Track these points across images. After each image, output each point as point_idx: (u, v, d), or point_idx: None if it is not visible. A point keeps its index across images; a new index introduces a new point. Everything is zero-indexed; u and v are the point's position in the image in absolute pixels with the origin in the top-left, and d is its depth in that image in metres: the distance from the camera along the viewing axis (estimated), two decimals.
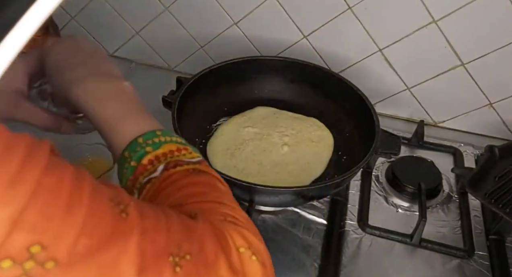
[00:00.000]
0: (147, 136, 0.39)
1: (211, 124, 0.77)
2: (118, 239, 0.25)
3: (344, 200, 0.70)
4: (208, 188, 0.38)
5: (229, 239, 0.32)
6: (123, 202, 0.27)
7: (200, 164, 0.39)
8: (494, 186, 0.65)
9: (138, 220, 0.27)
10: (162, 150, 0.38)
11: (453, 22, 0.71)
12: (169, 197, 0.36)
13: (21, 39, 0.23)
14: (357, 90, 0.72)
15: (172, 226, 0.29)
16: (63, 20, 0.94)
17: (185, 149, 0.39)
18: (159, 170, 0.37)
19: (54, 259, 0.22)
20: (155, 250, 0.27)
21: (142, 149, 0.38)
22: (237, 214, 0.36)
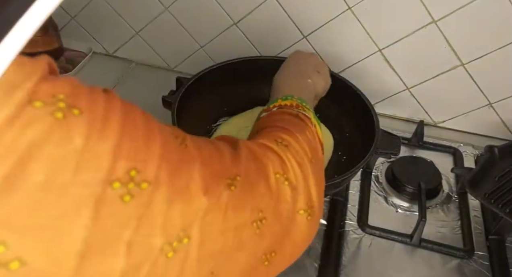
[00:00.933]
0: (286, 95, 0.51)
1: (211, 124, 0.77)
2: (186, 166, 0.30)
3: (344, 200, 0.70)
4: (294, 124, 0.45)
5: (269, 165, 0.37)
6: (181, 136, 0.32)
7: (306, 117, 0.47)
8: (494, 186, 0.65)
9: (196, 150, 0.31)
10: (286, 102, 0.50)
11: (452, 22, 0.71)
12: (263, 122, 0.47)
13: (21, 39, 0.23)
14: (357, 90, 0.72)
15: (222, 155, 0.34)
16: (63, 20, 0.94)
17: (303, 108, 0.49)
18: (274, 109, 0.49)
19: (147, 181, 0.26)
20: (213, 174, 0.31)
21: (276, 100, 0.51)
22: (298, 144, 0.41)
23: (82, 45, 0.96)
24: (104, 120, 0.26)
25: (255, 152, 0.38)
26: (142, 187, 0.26)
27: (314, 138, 0.46)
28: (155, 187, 0.27)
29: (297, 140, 0.42)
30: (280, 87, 0.57)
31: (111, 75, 0.93)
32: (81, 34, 0.96)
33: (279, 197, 0.37)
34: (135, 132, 0.27)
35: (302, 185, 0.39)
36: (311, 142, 0.44)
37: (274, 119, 0.47)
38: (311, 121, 0.48)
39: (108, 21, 0.91)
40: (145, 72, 0.96)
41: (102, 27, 0.94)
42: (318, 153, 0.45)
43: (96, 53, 0.98)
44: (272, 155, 0.39)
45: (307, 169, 0.40)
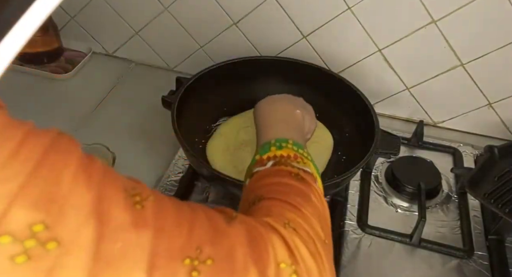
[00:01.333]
0: (279, 140, 0.45)
1: (211, 124, 0.77)
2: (128, 230, 0.24)
3: (343, 200, 0.70)
4: (297, 193, 0.38)
5: (270, 251, 0.30)
6: (141, 195, 0.26)
7: (306, 173, 0.41)
8: (494, 186, 0.65)
9: (154, 215, 0.26)
10: (282, 152, 0.43)
11: (452, 22, 0.71)
12: (260, 188, 0.39)
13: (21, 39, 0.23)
14: (356, 90, 0.72)
15: (196, 227, 0.28)
16: (63, 20, 0.94)
17: (301, 158, 0.43)
18: (269, 165, 0.42)
19: (56, 240, 0.21)
20: (169, 250, 0.25)
21: (268, 147, 0.44)
22: (306, 224, 0.34)
23: (81, 45, 0.96)
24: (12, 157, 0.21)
25: (255, 233, 0.31)
26: (48, 248, 0.21)
27: (320, 201, 0.39)
28: (68, 250, 0.21)
29: (306, 219, 0.35)
30: (267, 116, 0.52)
31: (110, 75, 0.93)
32: (81, 34, 0.96)
33: None
34: (57, 177, 0.22)
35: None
36: (320, 212, 0.38)
37: (272, 186, 0.39)
38: (313, 176, 0.41)
39: (108, 21, 0.91)
40: (145, 72, 0.96)
41: (102, 27, 0.94)
42: (328, 223, 0.39)
43: (96, 53, 0.98)
44: (277, 239, 0.31)
45: (320, 259, 0.33)
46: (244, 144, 0.72)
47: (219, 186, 0.67)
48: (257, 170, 0.42)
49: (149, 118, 0.82)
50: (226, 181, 0.58)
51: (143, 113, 0.84)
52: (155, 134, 0.79)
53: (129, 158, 0.73)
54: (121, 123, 0.82)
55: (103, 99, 0.88)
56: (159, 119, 0.71)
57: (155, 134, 0.79)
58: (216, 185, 0.68)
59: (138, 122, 0.82)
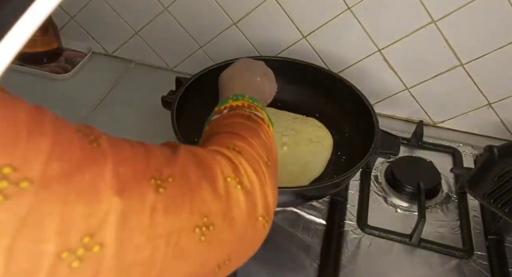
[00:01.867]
0: (236, 94, 0.50)
1: None
2: (91, 164, 0.26)
3: (343, 200, 0.70)
4: (247, 129, 0.43)
5: (217, 169, 0.35)
6: (94, 134, 0.28)
7: (258, 117, 0.46)
8: (493, 186, 0.65)
9: (111, 149, 0.28)
10: (237, 102, 0.48)
11: (452, 22, 0.71)
12: (214, 127, 0.45)
13: (21, 39, 0.23)
14: (356, 90, 0.72)
15: (151, 155, 0.31)
16: (63, 20, 0.94)
17: (255, 108, 0.48)
18: (225, 112, 0.47)
19: (28, 179, 0.23)
20: (134, 174, 0.28)
21: (226, 100, 0.49)
22: (253, 149, 0.40)
23: (81, 45, 0.96)
24: None
25: (200, 155, 0.36)
26: (22, 186, 0.23)
27: (269, 138, 0.45)
28: (41, 187, 0.23)
29: (251, 145, 0.40)
30: (229, 82, 0.57)
31: (110, 75, 0.93)
32: (81, 34, 0.96)
33: (229, 202, 0.34)
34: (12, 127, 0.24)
35: (259, 191, 0.37)
36: (266, 144, 0.43)
37: (226, 124, 0.45)
38: (265, 120, 0.47)
39: (107, 21, 0.91)
40: (144, 72, 0.96)
41: (102, 27, 0.94)
42: (273, 154, 0.44)
43: (96, 53, 0.98)
44: (222, 159, 0.36)
45: (263, 175, 0.38)
46: None
47: None
48: (214, 118, 0.48)
49: (149, 118, 0.82)
50: None
51: (143, 113, 0.84)
52: (154, 134, 0.79)
53: None
54: (120, 123, 0.82)
55: (102, 99, 0.88)
56: (159, 119, 0.71)
57: (154, 134, 0.79)
58: None
59: (137, 122, 0.82)
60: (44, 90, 0.88)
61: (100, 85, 0.90)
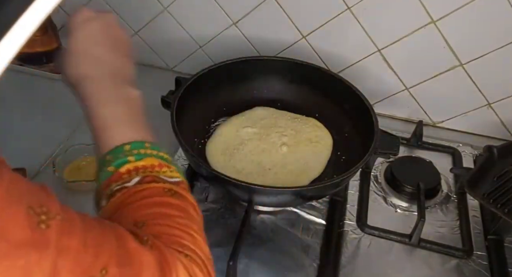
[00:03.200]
0: (134, 146, 0.39)
1: (210, 125, 0.77)
2: (30, 249, 0.24)
3: (343, 200, 0.70)
4: (178, 213, 0.36)
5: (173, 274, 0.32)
6: (48, 214, 0.26)
7: (178, 185, 0.38)
8: (493, 186, 0.65)
9: (59, 236, 0.26)
10: (144, 162, 0.38)
11: (451, 22, 0.71)
12: (136, 212, 0.35)
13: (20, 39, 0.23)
14: (356, 90, 0.72)
15: (104, 246, 0.28)
16: (62, 19, 0.94)
17: (167, 166, 0.39)
18: (134, 181, 0.37)
19: None
20: (72, 271, 0.26)
21: (125, 157, 0.38)
22: (198, 248, 0.35)
23: None
24: None
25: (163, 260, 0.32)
26: None
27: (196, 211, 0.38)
28: None
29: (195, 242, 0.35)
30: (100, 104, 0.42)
31: None
32: None
33: None
34: None
35: None
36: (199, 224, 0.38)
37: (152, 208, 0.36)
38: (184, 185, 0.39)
39: None
40: (144, 72, 0.95)
41: None
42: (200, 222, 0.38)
43: None
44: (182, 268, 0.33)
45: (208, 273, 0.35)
46: (243, 144, 0.72)
47: (218, 186, 0.67)
48: (119, 187, 0.37)
49: (149, 118, 0.81)
50: (225, 181, 0.58)
51: None
52: (154, 134, 0.79)
53: None
54: None
55: None
56: (158, 119, 0.71)
57: (154, 134, 0.79)
58: (215, 185, 0.68)
59: None
60: (43, 90, 0.88)
61: None
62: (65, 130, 0.79)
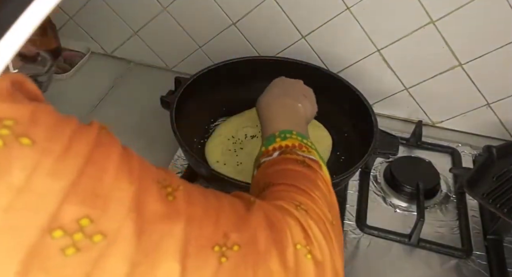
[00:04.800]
0: (284, 131, 0.46)
1: (210, 124, 0.77)
2: (164, 221, 0.25)
3: (342, 200, 0.70)
4: (304, 179, 0.39)
5: (288, 233, 0.32)
6: (172, 185, 0.27)
7: (312, 161, 0.42)
8: (492, 186, 0.65)
9: (185, 205, 0.27)
10: (287, 142, 0.44)
11: (451, 22, 0.71)
12: (268, 175, 0.41)
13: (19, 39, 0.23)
14: (355, 90, 0.72)
15: (222, 215, 0.29)
16: (61, 20, 0.94)
17: (306, 148, 0.44)
18: (275, 155, 0.43)
19: (102, 233, 0.22)
20: (200, 238, 0.27)
21: (274, 139, 0.46)
22: (317, 207, 0.36)
23: (80, 45, 0.96)
24: (64, 154, 0.22)
25: (272, 216, 0.32)
26: (94, 240, 0.22)
27: (328, 187, 0.41)
28: (112, 242, 0.23)
29: (315, 202, 0.36)
30: (269, 112, 0.53)
31: (109, 75, 0.93)
32: (80, 34, 0.95)
33: (298, 274, 0.31)
34: (102, 173, 0.23)
35: (328, 259, 0.33)
36: (327, 197, 0.39)
37: (279, 172, 0.41)
38: (319, 163, 0.43)
39: (106, 21, 0.91)
40: (143, 72, 0.96)
41: (101, 27, 0.94)
42: (335, 208, 0.40)
43: (95, 53, 0.98)
44: (292, 221, 0.33)
45: (330, 239, 0.35)
46: (243, 144, 0.72)
47: (218, 186, 0.67)
48: (264, 160, 0.44)
49: (148, 118, 0.82)
50: (225, 181, 0.58)
51: (142, 113, 0.84)
52: (154, 134, 0.79)
53: None
54: (119, 123, 0.82)
55: (101, 99, 0.87)
56: (158, 119, 0.71)
57: (154, 134, 0.79)
58: (215, 185, 0.67)
59: (137, 122, 0.82)
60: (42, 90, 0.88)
61: (99, 85, 0.90)
62: None
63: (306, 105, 0.56)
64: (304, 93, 0.58)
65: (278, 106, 0.54)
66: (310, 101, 0.58)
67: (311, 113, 0.58)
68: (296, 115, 0.53)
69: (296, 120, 0.52)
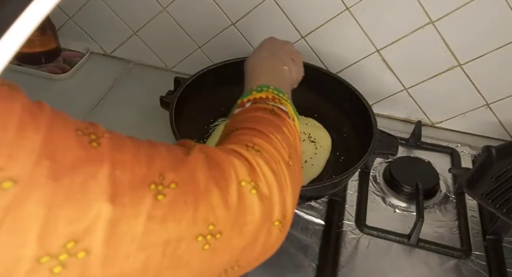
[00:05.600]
0: (261, 85, 0.48)
1: (209, 125, 0.77)
2: (86, 166, 0.25)
3: (341, 200, 0.70)
4: (268, 124, 0.40)
5: (231, 171, 0.33)
6: (96, 133, 0.27)
7: (282, 111, 0.43)
8: (491, 186, 0.66)
9: (111, 151, 0.27)
10: (261, 94, 0.46)
11: (450, 23, 0.71)
12: (235, 122, 0.42)
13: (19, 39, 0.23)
14: (354, 90, 0.72)
15: (156, 158, 0.29)
16: (61, 20, 0.94)
17: (279, 100, 0.46)
18: (248, 105, 0.45)
19: (12, 179, 0.22)
20: (132, 178, 0.27)
21: (250, 92, 0.47)
22: (273, 148, 0.37)
23: (79, 45, 0.96)
24: None
25: (213, 155, 0.33)
26: (4, 187, 0.22)
27: (293, 133, 0.42)
28: (25, 188, 0.23)
29: (271, 142, 0.38)
30: (254, 72, 0.54)
31: (109, 76, 0.93)
32: (79, 34, 0.95)
33: (242, 208, 0.32)
34: (5, 125, 0.23)
35: (277, 195, 0.35)
36: (289, 140, 0.40)
37: (246, 118, 0.42)
38: (289, 114, 0.44)
39: (106, 21, 0.91)
40: (143, 72, 0.96)
41: (100, 27, 0.94)
42: (297, 151, 0.41)
43: (94, 53, 0.98)
44: (238, 161, 0.34)
45: (283, 176, 0.36)
46: None
47: None
48: (236, 111, 0.45)
49: (147, 119, 0.82)
50: None
51: (141, 113, 0.84)
52: (153, 135, 0.78)
53: None
54: (119, 123, 0.81)
55: (101, 100, 0.87)
56: (157, 119, 0.71)
57: (153, 135, 0.78)
58: None
59: (136, 122, 0.82)
60: (42, 90, 0.88)
61: (98, 85, 0.90)
62: None
63: (292, 68, 0.56)
64: (292, 56, 0.59)
65: (264, 67, 0.54)
66: (297, 64, 0.59)
67: (296, 76, 0.58)
68: (280, 76, 0.54)
69: (279, 80, 0.52)
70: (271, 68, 0.54)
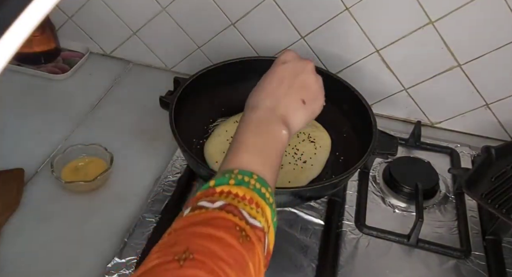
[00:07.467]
0: (243, 172, 0.39)
1: (209, 125, 0.77)
2: None
3: (341, 200, 0.70)
4: (231, 257, 0.33)
5: None
6: None
7: (254, 230, 0.36)
8: (491, 186, 0.66)
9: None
10: (238, 190, 0.37)
11: (449, 23, 0.71)
12: (194, 236, 0.33)
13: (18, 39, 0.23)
14: (354, 90, 0.72)
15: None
16: (60, 20, 0.94)
17: (257, 205, 0.37)
18: (217, 205, 0.36)
19: None
20: None
21: (227, 178, 0.38)
22: None
23: (79, 45, 0.96)
24: None
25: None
26: None
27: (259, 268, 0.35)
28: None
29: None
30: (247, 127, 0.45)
31: (108, 76, 0.93)
32: (78, 34, 0.95)
33: None
34: None
35: None
36: None
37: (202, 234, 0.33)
38: (263, 231, 0.37)
39: (105, 21, 0.91)
40: (142, 72, 0.96)
41: (100, 27, 0.94)
42: None
43: (93, 53, 0.98)
44: None
45: None
46: None
47: None
48: (202, 204, 0.36)
49: (147, 119, 0.82)
50: None
51: (141, 113, 0.84)
52: (153, 135, 0.79)
53: (127, 159, 0.73)
54: (119, 124, 0.82)
55: (100, 100, 0.87)
56: (157, 119, 0.71)
57: (153, 135, 0.79)
58: None
59: (136, 122, 0.82)
60: (41, 90, 0.88)
61: (98, 85, 0.90)
62: (63, 130, 0.79)
63: (298, 116, 0.47)
64: (303, 96, 0.49)
65: (274, 90, 0.46)
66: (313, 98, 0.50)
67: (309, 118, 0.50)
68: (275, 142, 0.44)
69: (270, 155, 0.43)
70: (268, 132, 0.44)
